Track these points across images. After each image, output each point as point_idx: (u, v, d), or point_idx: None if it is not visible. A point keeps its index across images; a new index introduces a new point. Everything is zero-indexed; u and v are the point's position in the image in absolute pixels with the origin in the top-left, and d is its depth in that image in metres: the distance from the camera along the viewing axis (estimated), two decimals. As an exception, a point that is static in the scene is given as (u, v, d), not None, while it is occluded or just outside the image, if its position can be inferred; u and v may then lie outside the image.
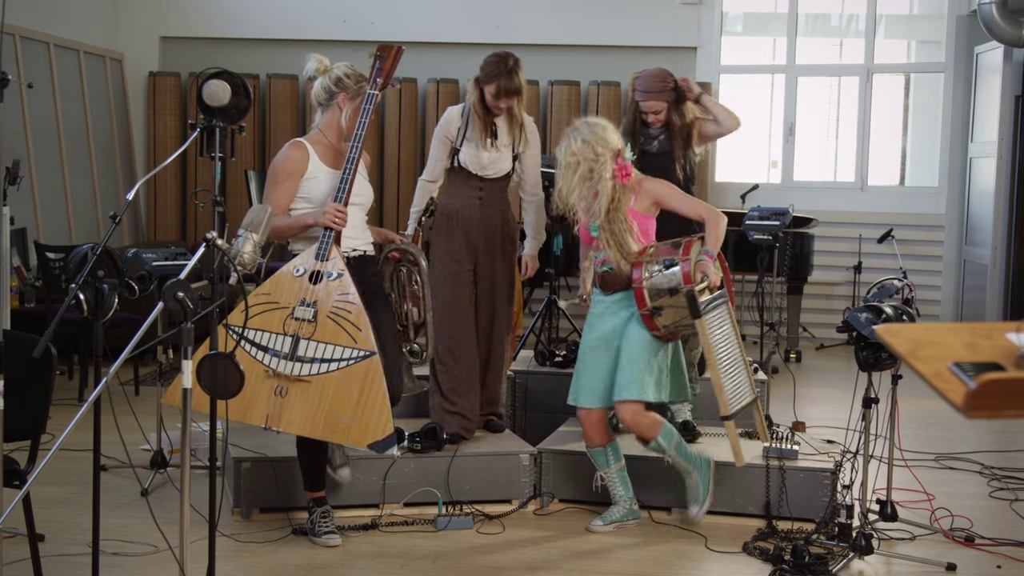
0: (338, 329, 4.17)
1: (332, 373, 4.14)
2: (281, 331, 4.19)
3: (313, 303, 4.20)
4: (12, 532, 4.29)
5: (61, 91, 9.10)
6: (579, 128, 4.61)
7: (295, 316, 4.19)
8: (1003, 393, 1.77)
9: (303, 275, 4.25)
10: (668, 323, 4.48)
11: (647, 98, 5.19)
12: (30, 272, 7.80)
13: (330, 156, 4.48)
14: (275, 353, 4.17)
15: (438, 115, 10.34)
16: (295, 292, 4.23)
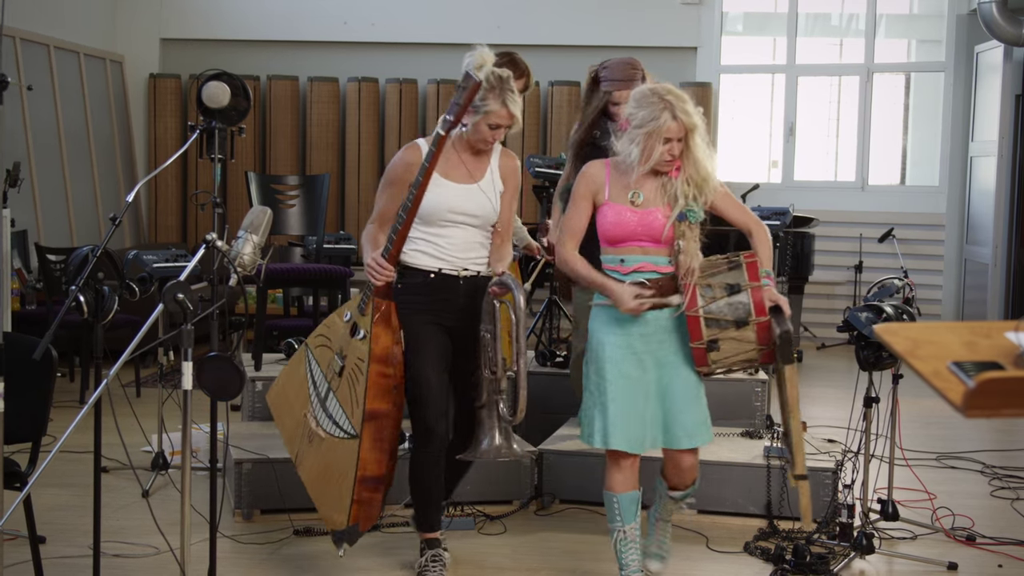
0: (348, 395, 3.94)
1: (335, 439, 3.96)
2: (326, 373, 4.04)
3: (344, 356, 3.96)
4: (13, 534, 4.29)
5: (61, 93, 9.10)
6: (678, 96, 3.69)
7: (332, 363, 4.03)
8: (1002, 392, 1.77)
9: (349, 323, 3.99)
10: (724, 360, 3.69)
11: (619, 87, 4.70)
12: (31, 274, 7.80)
13: (451, 164, 3.97)
14: (317, 394, 4.04)
15: (438, 116, 10.34)
16: (340, 337, 4.01)
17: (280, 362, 5.77)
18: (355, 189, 10.47)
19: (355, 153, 10.45)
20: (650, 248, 3.73)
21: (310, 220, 6.84)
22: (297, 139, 10.52)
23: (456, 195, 3.95)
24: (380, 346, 3.87)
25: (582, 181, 3.81)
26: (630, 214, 3.72)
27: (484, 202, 3.99)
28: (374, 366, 3.85)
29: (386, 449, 3.92)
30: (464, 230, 3.98)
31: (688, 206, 3.73)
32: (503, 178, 4.05)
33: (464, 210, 3.96)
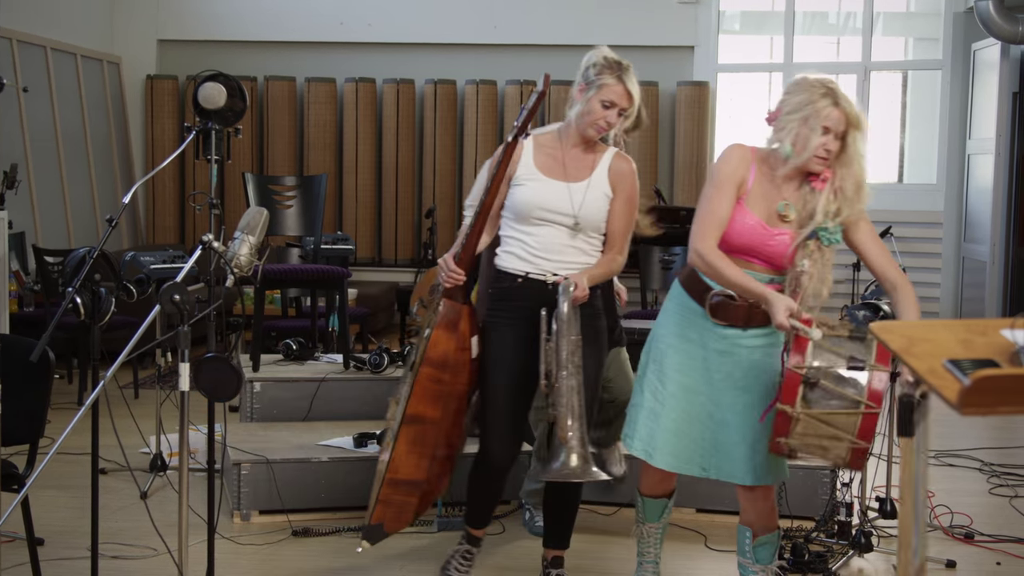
0: (403, 392, 3.78)
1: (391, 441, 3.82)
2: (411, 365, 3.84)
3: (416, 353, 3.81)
4: (11, 536, 4.29)
5: (58, 95, 9.10)
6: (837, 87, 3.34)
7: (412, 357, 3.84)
8: (997, 389, 1.78)
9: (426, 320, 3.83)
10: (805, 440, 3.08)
11: None
12: (29, 276, 7.80)
13: (554, 161, 3.72)
14: (405, 382, 3.86)
15: (436, 116, 10.38)
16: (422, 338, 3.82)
17: (278, 363, 5.77)
18: (353, 189, 10.47)
19: (352, 153, 10.44)
20: (757, 265, 3.28)
21: (307, 221, 6.84)
22: (294, 140, 10.52)
23: (550, 192, 3.65)
24: (437, 350, 3.66)
25: (728, 162, 3.30)
26: (763, 230, 3.24)
27: (582, 203, 3.63)
28: (426, 369, 3.66)
29: (427, 455, 3.72)
30: (557, 231, 3.65)
31: (823, 224, 3.20)
32: (613, 183, 3.68)
33: (557, 208, 3.63)
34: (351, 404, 5.47)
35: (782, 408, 3.03)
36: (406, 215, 10.52)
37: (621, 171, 3.70)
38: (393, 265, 10.51)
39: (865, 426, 3.01)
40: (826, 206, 3.21)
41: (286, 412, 5.43)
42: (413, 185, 10.53)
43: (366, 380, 5.53)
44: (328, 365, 5.74)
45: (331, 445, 4.96)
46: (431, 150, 10.40)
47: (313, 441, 5.02)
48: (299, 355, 5.82)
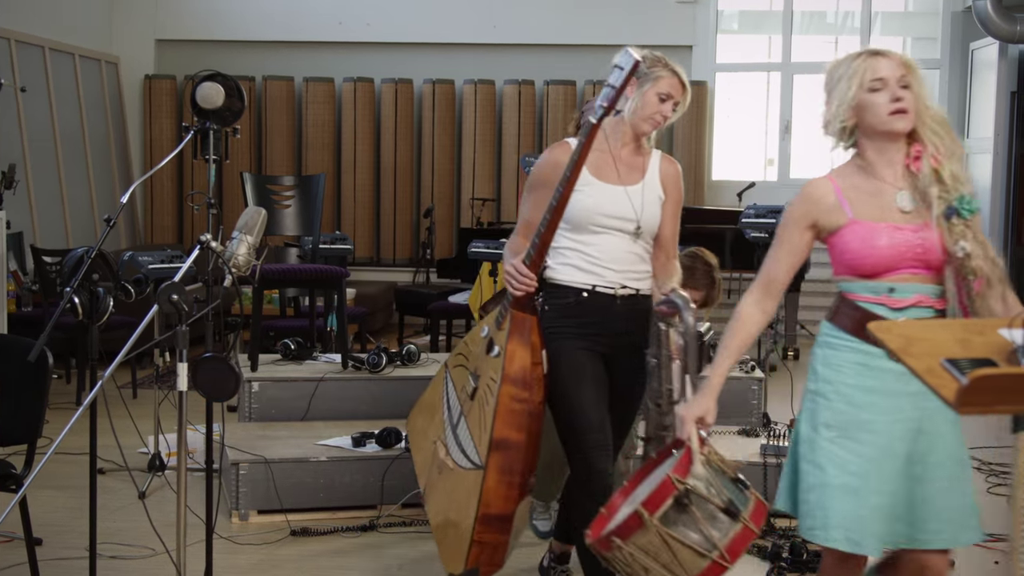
0: (478, 419, 3.44)
1: (461, 471, 3.47)
2: (459, 395, 3.55)
3: (478, 377, 3.48)
4: (9, 536, 4.30)
5: (57, 95, 9.10)
6: None
7: (466, 384, 3.54)
8: (995, 389, 1.78)
9: (485, 339, 3.49)
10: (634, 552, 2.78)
11: None
12: (27, 276, 7.80)
13: (606, 164, 3.47)
14: (450, 419, 3.59)
15: (434, 116, 10.38)
16: (476, 355, 3.53)
17: (276, 363, 5.77)
18: (351, 189, 10.47)
19: (351, 153, 10.45)
20: (919, 276, 2.74)
21: (306, 221, 6.84)
22: (293, 139, 10.52)
23: (609, 197, 3.42)
24: (515, 366, 3.35)
25: (799, 207, 2.82)
26: (898, 232, 2.72)
27: (642, 208, 3.44)
28: (506, 387, 3.34)
29: (516, 484, 3.39)
30: (620, 239, 3.43)
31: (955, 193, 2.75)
32: (664, 185, 3.52)
33: (619, 214, 3.41)
34: (349, 404, 5.47)
35: (640, 511, 2.72)
36: (404, 215, 10.52)
37: (671, 173, 3.54)
38: (391, 265, 10.51)
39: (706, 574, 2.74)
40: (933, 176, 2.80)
41: (284, 412, 5.43)
42: (411, 185, 10.53)
43: (364, 380, 5.53)
44: (326, 365, 5.74)
45: (329, 445, 4.96)
46: (429, 150, 10.41)
47: (311, 441, 5.02)
48: (297, 355, 5.82)
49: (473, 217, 10.01)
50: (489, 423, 3.34)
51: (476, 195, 10.27)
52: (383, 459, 4.82)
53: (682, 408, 2.92)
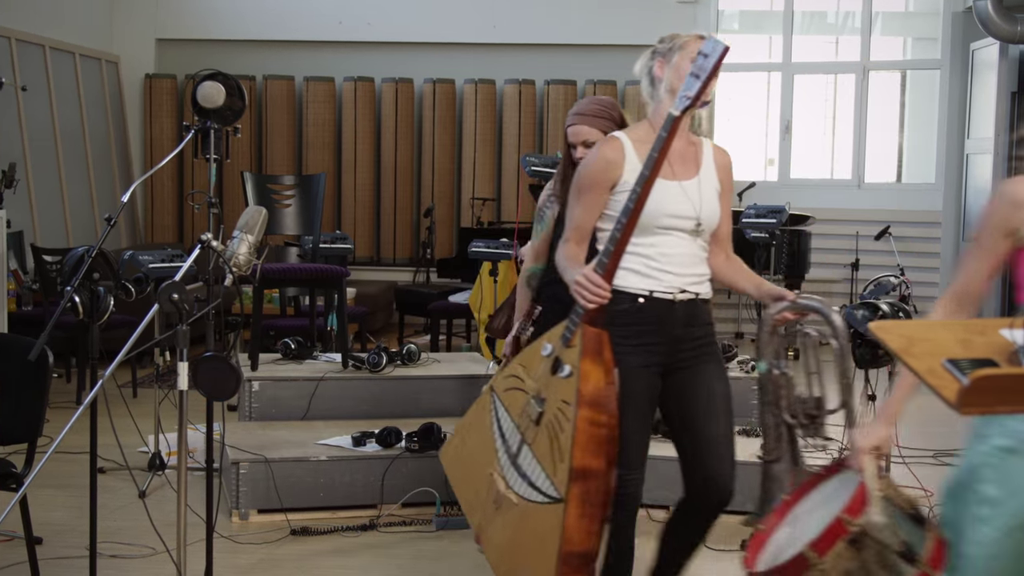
0: (548, 447, 3.10)
1: (532, 504, 3.11)
2: (518, 422, 3.21)
3: (543, 400, 3.12)
4: (9, 535, 4.30)
5: (57, 94, 9.10)
6: None
7: (527, 409, 3.18)
8: (997, 389, 1.77)
9: (549, 358, 3.15)
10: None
11: (578, 121, 3.84)
12: (27, 275, 7.80)
13: None
14: (507, 449, 3.25)
15: (434, 115, 10.38)
16: (538, 376, 3.18)
17: (276, 362, 5.77)
18: (351, 189, 10.47)
19: (351, 153, 10.44)
20: None
21: (306, 220, 6.84)
22: (293, 139, 10.52)
23: (668, 194, 3.17)
24: (590, 386, 3.04)
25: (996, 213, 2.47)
26: None
27: (701, 204, 3.21)
28: (583, 411, 3.02)
29: (597, 517, 3.09)
30: (681, 239, 3.20)
31: None
32: (720, 177, 3.30)
33: (679, 212, 3.18)
34: (349, 403, 5.47)
35: (807, 554, 2.47)
36: (404, 214, 10.52)
37: (725, 164, 3.32)
38: (392, 264, 10.51)
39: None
40: None
41: (284, 411, 5.43)
42: (412, 184, 10.53)
43: (364, 379, 5.53)
44: (327, 364, 5.74)
45: (330, 444, 4.96)
46: (430, 149, 10.40)
47: (312, 440, 5.02)
48: (298, 354, 5.82)
49: (473, 217, 10.01)
50: (567, 451, 3.01)
51: (476, 195, 10.27)
52: (383, 459, 4.82)
53: (857, 435, 2.62)
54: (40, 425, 3.76)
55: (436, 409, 5.50)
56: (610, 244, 3.05)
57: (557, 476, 3.03)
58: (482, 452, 3.35)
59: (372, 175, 10.50)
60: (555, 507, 3.03)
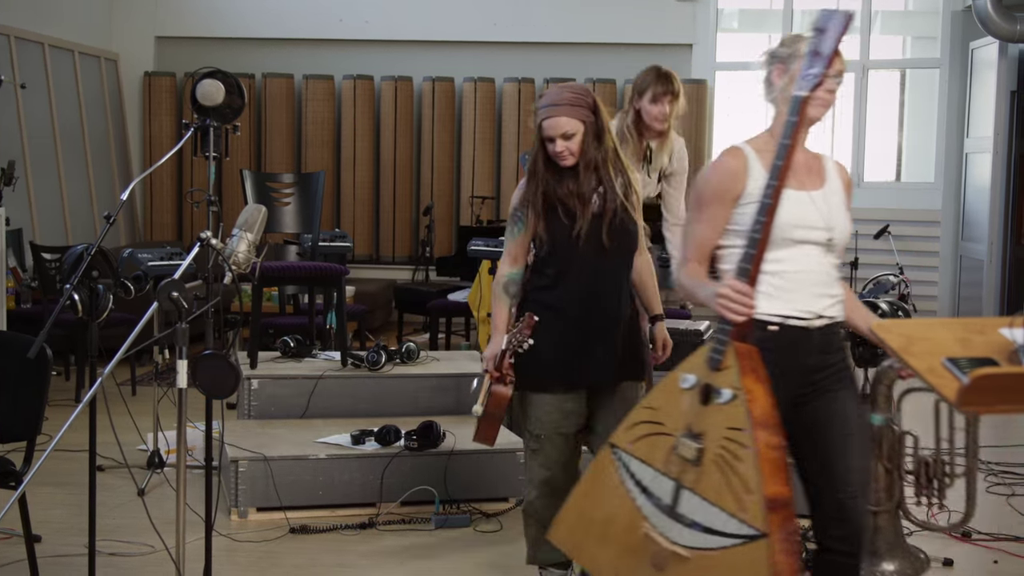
0: (723, 482, 2.73)
1: (715, 552, 2.75)
2: (664, 470, 2.86)
3: (699, 435, 2.79)
4: (8, 533, 4.30)
5: (56, 92, 9.09)
6: None
7: (678, 450, 2.83)
8: (996, 388, 1.78)
9: (692, 389, 2.82)
10: None
11: (555, 113, 3.52)
12: (26, 273, 7.80)
13: None
14: (656, 501, 2.87)
15: (434, 114, 10.37)
16: (682, 413, 2.84)
17: (276, 360, 5.77)
18: (350, 187, 10.46)
19: (350, 151, 10.44)
20: None
21: (305, 218, 6.84)
22: (292, 137, 10.52)
23: (798, 205, 2.91)
24: (760, 406, 2.72)
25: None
26: None
27: (829, 215, 2.95)
28: (760, 434, 2.69)
29: (796, 552, 2.77)
30: (812, 255, 2.92)
31: None
32: (845, 189, 3.08)
33: (811, 223, 2.91)
34: (349, 401, 5.47)
35: None
36: (404, 212, 10.51)
37: (847, 181, 3.10)
38: (391, 262, 10.51)
39: None
40: None
41: (284, 409, 5.43)
42: (411, 182, 10.52)
43: (364, 377, 5.53)
44: (326, 362, 5.74)
45: (329, 442, 4.96)
46: (429, 147, 10.40)
47: (311, 438, 5.02)
48: (297, 352, 5.82)
49: (472, 215, 10.00)
50: (753, 481, 2.68)
51: (475, 193, 10.26)
52: (382, 457, 4.82)
53: None
54: (39, 423, 3.76)
55: (435, 407, 5.50)
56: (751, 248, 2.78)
57: (747, 511, 2.68)
58: (620, 516, 2.98)
59: (371, 173, 10.50)
60: (755, 545, 2.67)
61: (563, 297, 3.59)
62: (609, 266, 3.62)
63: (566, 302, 3.59)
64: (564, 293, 3.59)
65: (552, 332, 3.57)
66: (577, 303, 3.59)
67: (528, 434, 3.70)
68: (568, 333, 3.59)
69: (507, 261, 3.70)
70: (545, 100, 3.58)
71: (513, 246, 3.69)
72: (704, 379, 2.78)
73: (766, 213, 2.76)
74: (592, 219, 3.56)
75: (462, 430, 5.07)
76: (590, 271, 3.58)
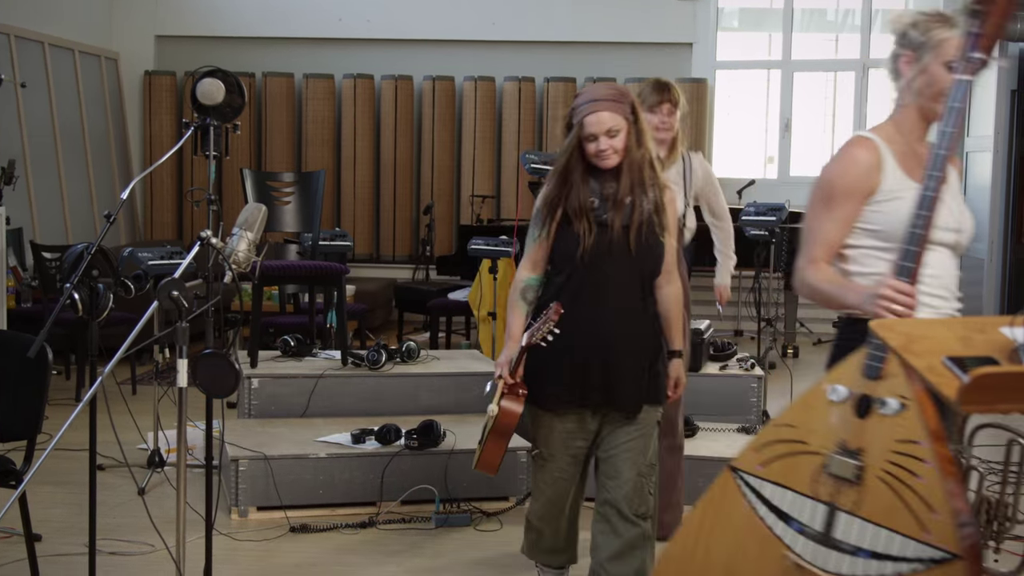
0: (896, 501, 2.42)
1: None
2: (810, 492, 2.56)
3: (858, 451, 2.48)
4: (8, 532, 4.30)
5: (56, 90, 9.09)
6: None
7: (830, 470, 2.51)
8: (997, 387, 1.77)
9: (845, 402, 2.51)
10: None
11: (600, 108, 3.37)
12: (26, 272, 7.80)
13: (912, 161, 2.77)
14: (800, 528, 2.57)
15: (434, 113, 10.37)
16: (831, 429, 2.54)
17: (276, 359, 5.76)
18: (351, 186, 10.46)
19: (351, 150, 10.44)
20: None
21: (306, 217, 6.84)
22: (293, 136, 10.52)
23: None
24: (932, 417, 2.37)
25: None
26: None
27: (959, 214, 2.76)
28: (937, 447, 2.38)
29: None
30: (943, 256, 2.73)
31: None
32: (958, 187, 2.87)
33: (946, 223, 2.68)
34: (349, 400, 5.47)
35: None
36: (404, 211, 10.51)
37: (958, 167, 2.91)
38: (391, 261, 10.51)
39: None
40: None
41: (284, 408, 5.43)
42: (411, 181, 10.52)
43: (364, 376, 5.53)
44: (326, 361, 5.74)
45: (329, 441, 4.96)
46: (429, 146, 10.40)
47: (311, 437, 5.02)
48: (297, 351, 5.82)
49: (473, 214, 10.00)
50: (937, 497, 2.37)
51: (476, 192, 10.26)
52: (382, 456, 4.82)
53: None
54: (39, 422, 3.76)
55: (435, 406, 5.50)
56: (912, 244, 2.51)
57: (932, 531, 2.37)
58: (750, 548, 2.68)
59: (372, 172, 10.50)
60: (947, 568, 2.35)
61: (580, 309, 3.35)
62: (630, 280, 3.38)
63: (582, 315, 3.35)
64: (580, 305, 3.35)
65: (566, 347, 3.33)
66: (594, 318, 3.36)
67: (536, 447, 3.56)
68: (582, 350, 3.37)
69: (526, 265, 3.48)
70: (585, 97, 3.42)
71: (534, 250, 3.45)
72: (860, 389, 2.47)
73: (929, 207, 2.49)
74: (621, 230, 3.34)
75: (462, 429, 5.07)
76: (612, 283, 3.36)
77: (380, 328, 9.62)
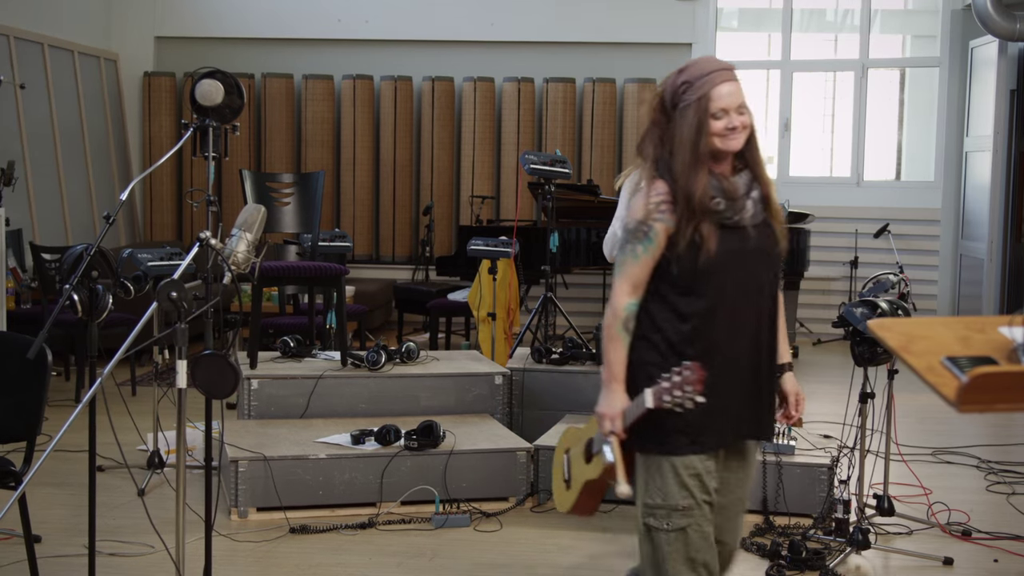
0: None
1: None
2: None
3: None
4: (8, 533, 4.30)
5: (56, 92, 9.09)
6: None
7: None
8: (995, 387, 1.77)
9: None
10: None
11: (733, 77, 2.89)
12: (26, 273, 7.80)
13: None
14: None
15: (433, 113, 10.37)
16: None
17: (275, 360, 5.76)
18: (350, 186, 10.46)
19: (350, 150, 10.44)
20: None
21: (305, 218, 6.83)
22: (292, 137, 10.51)
23: None
24: None
25: None
26: None
27: None
28: None
29: None
30: None
31: None
32: None
33: None
34: (349, 401, 5.47)
35: None
36: (404, 212, 10.51)
37: None
38: (391, 262, 10.51)
39: None
40: None
41: (283, 409, 5.43)
42: (411, 182, 10.52)
43: (364, 377, 5.53)
44: (326, 362, 5.74)
45: (328, 442, 4.96)
46: (429, 147, 10.40)
47: (311, 438, 5.02)
48: (296, 352, 5.82)
49: (472, 214, 10.00)
50: None
51: (475, 192, 10.26)
52: (382, 457, 4.82)
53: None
54: (39, 423, 3.75)
55: (435, 407, 5.50)
56: None
57: None
58: None
59: (371, 173, 10.50)
60: None
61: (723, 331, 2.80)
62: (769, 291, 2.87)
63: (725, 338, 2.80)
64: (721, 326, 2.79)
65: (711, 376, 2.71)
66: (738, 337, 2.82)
67: (655, 512, 2.86)
68: (727, 378, 2.81)
69: (626, 290, 2.83)
70: (701, 68, 2.85)
71: (637, 269, 2.82)
72: None
73: None
74: (753, 230, 2.81)
75: (462, 430, 5.07)
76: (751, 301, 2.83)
77: (380, 329, 9.62)
